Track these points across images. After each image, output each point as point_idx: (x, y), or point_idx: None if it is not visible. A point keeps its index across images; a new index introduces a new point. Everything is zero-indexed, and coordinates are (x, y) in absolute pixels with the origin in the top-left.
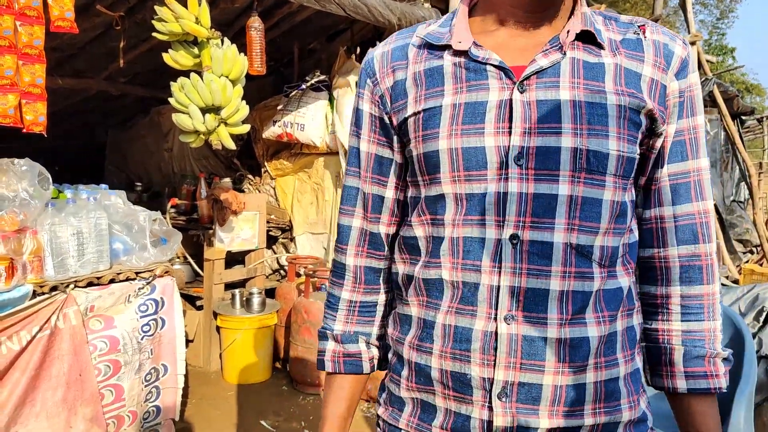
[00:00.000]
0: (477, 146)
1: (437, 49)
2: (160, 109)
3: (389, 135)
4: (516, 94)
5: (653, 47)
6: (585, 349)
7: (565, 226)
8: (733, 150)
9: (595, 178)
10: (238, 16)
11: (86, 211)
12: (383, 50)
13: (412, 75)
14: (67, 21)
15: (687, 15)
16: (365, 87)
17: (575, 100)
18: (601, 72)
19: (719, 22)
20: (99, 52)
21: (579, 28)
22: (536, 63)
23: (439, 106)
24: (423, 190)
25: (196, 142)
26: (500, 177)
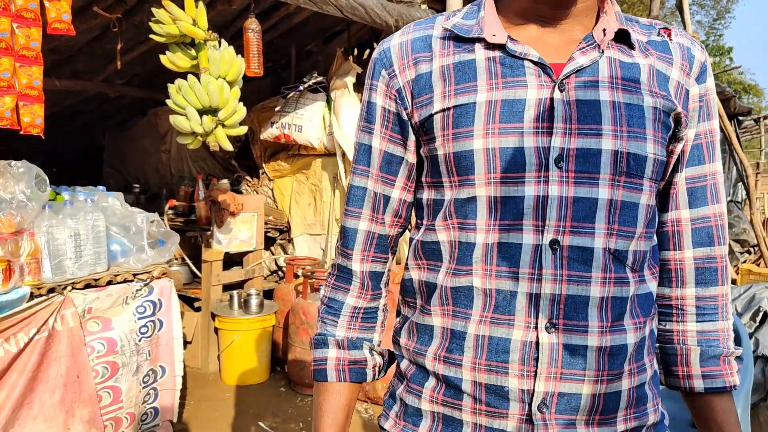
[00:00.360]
0: (516, 147)
1: (467, 42)
2: (157, 111)
3: (404, 132)
4: (556, 92)
5: (679, 50)
6: (623, 356)
7: (605, 231)
8: (731, 150)
9: (633, 182)
10: (236, 17)
11: (83, 213)
12: (401, 41)
13: (439, 68)
14: (64, 23)
15: (684, 16)
16: (379, 79)
17: (615, 100)
18: (637, 72)
19: (716, 22)
20: (96, 54)
21: (616, 26)
22: (575, 61)
23: (472, 103)
24: (450, 192)
25: (193, 144)
26: (539, 179)
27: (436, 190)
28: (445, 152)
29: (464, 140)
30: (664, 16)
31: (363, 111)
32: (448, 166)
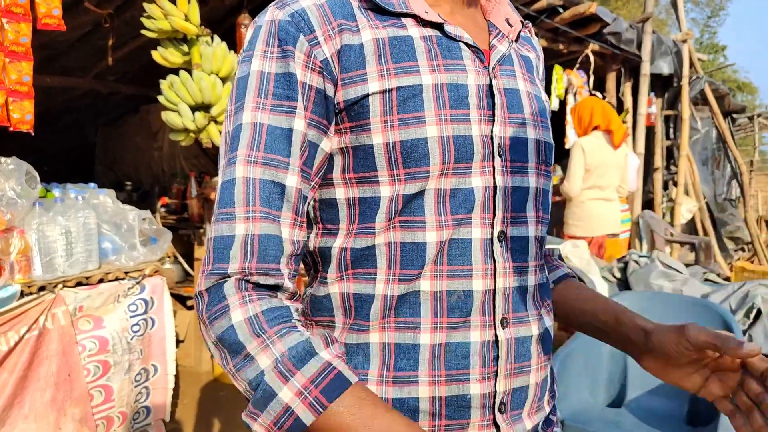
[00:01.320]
0: (466, 135)
1: (392, 17)
2: (149, 108)
3: (329, 115)
4: (492, 79)
5: (538, 45)
6: (549, 341)
7: (534, 219)
8: (725, 148)
9: (547, 170)
10: (229, 13)
11: (74, 210)
12: (316, 2)
13: (372, 41)
14: (54, 18)
15: (678, 13)
16: (296, 46)
17: (528, 90)
18: (530, 65)
19: (710, 20)
20: (88, 51)
21: (517, 19)
22: (498, 49)
23: (418, 85)
24: (390, 188)
25: (186, 141)
26: (484, 170)
27: (365, 187)
28: (387, 141)
29: (415, 127)
30: (659, 13)
31: (266, 85)
32: (392, 157)
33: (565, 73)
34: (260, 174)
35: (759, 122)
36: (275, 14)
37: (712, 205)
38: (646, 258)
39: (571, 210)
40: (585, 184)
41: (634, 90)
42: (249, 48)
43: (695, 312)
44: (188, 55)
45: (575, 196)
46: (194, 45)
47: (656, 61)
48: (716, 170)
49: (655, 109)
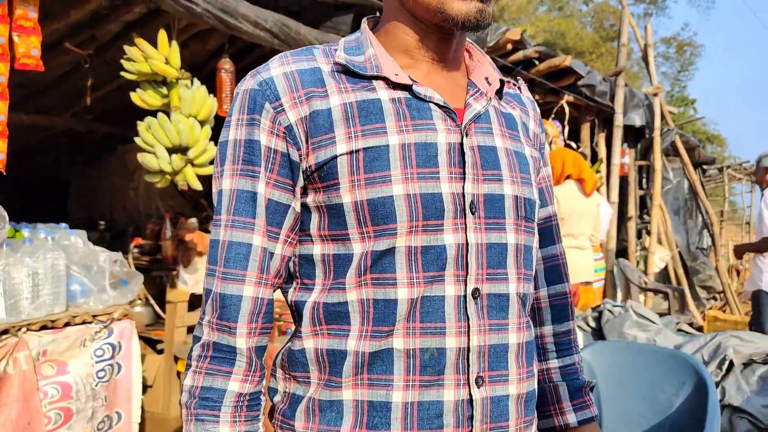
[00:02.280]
0: (435, 192)
1: (363, 80)
2: (127, 147)
3: (294, 176)
4: (463, 137)
5: (530, 104)
6: (533, 402)
7: (516, 275)
8: (696, 198)
9: (529, 226)
10: (210, 57)
11: (43, 251)
12: (285, 71)
13: (340, 106)
14: (32, 59)
15: (649, 68)
16: (262, 114)
17: (507, 147)
18: (513, 122)
19: (680, 74)
20: (67, 90)
21: (497, 77)
22: (473, 107)
23: (385, 146)
24: (362, 245)
25: (161, 183)
26: (456, 227)
27: (338, 244)
28: (355, 200)
29: (381, 185)
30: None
31: (238, 152)
32: (360, 215)
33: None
34: (230, 236)
35: (728, 174)
36: (248, 83)
37: (685, 254)
38: (619, 307)
39: None
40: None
41: (608, 140)
42: (229, 114)
43: (668, 363)
44: (167, 98)
45: None
46: (174, 88)
47: (629, 113)
48: (688, 220)
49: (628, 160)
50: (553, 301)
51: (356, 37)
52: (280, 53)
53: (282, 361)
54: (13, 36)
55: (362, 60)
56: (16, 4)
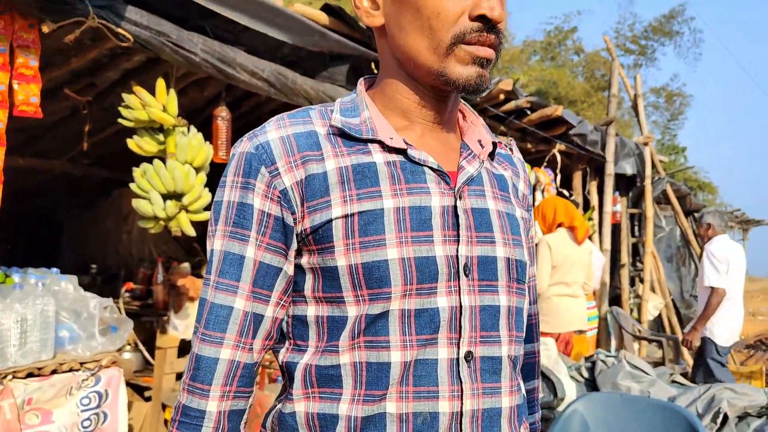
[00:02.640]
0: (429, 255)
1: (359, 143)
2: (122, 192)
3: (287, 240)
4: (457, 200)
5: (520, 165)
6: None
7: (507, 338)
8: (688, 247)
9: (520, 288)
10: (207, 104)
11: (33, 297)
12: (282, 134)
13: (336, 170)
14: (31, 106)
15: (639, 117)
16: (257, 178)
17: (499, 209)
18: (504, 183)
19: (670, 122)
20: (64, 134)
21: (490, 139)
22: (466, 170)
23: (380, 209)
24: (356, 308)
25: (155, 228)
26: (450, 290)
27: (333, 306)
28: (350, 263)
29: (376, 249)
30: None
31: (230, 213)
32: (355, 279)
33: (534, 170)
34: (212, 297)
35: None
36: (245, 146)
37: (679, 301)
38: (613, 358)
39: (539, 306)
40: (551, 280)
41: (600, 189)
42: (224, 174)
43: (663, 416)
44: (164, 144)
45: (542, 292)
46: (170, 135)
47: (620, 162)
48: (682, 267)
49: (620, 208)
50: (525, 359)
51: (352, 98)
52: (277, 115)
53: (272, 423)
54: (13, 84)
55: (358, 122)
56: (18, 53)
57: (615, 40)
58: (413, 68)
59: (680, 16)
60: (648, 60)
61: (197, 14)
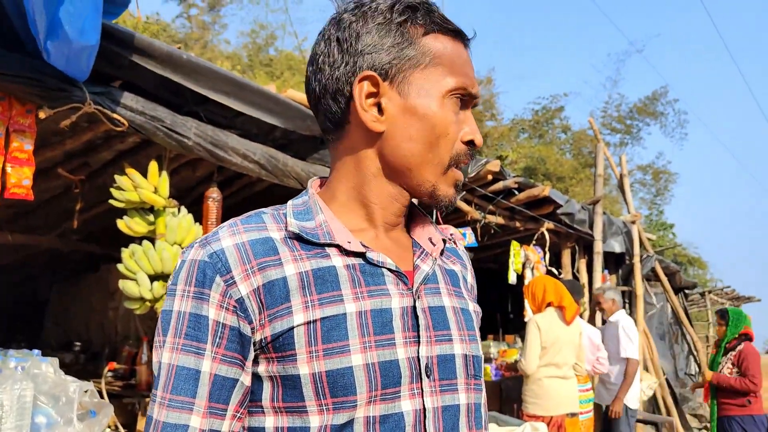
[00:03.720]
0: (392, 359)
1: (317, 246)
2: (110, 267)
3: (244, 350)
4: (415, 300)
5: (465, 256)
6: None
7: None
8: (680, 325)
9: (477, 383)
10: (198, 183)
11: (11, 382)
12: (236, 242)
13: (296, 275)
14: (23, 188)
15: (626, 196)
16: (212, 287)
17: (454, 306)
18: (456, 278)
19: (657, 198)
20: (55, 211)
21: (440, 237)
22: (421, 269)
23: (342, 314)
24: (320, 417)
25: (140, 309)
26: (413, 392)
27: (294, 416)
28: (313, 371)
29: (340, 356)
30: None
31: (182, 325)
32: (319, 387)
33: (523, 248)
34: (165, 417)
35: (710, 299)
36: (197, 253)
37: (673, 380)
38: None
39: (529, 387)
40: (541, 361)
41: (589, 267)
42: (173, 282)
43: None
44: (153, 225)
45: (531, 373)
46: (160, 215)
47: (608, 240)
48: (675, 345)
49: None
50: None
51: (304, 200)
52: (229, 220)
53: None
54: (7, 167)
55: (313, 226)
56: (14, 137)
57: (601, 119)
58: (407, 176)
59: (663, 97)
60: (634, 139)
61: (192, 100)
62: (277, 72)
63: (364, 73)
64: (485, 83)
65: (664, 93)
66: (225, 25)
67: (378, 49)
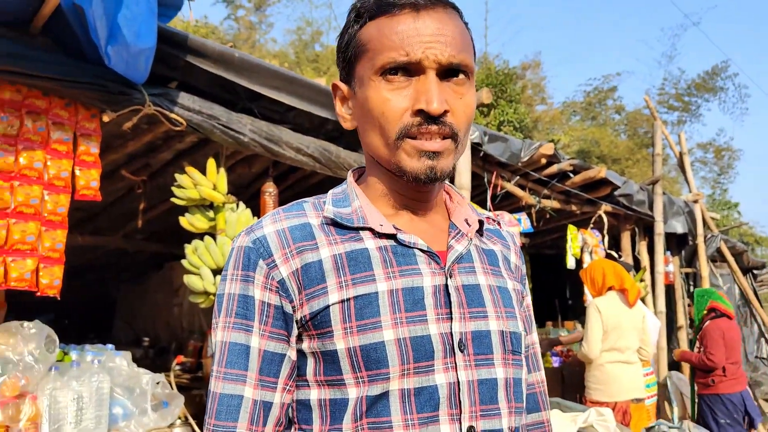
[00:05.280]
0: (424, 335)
1: (351, 231)
2: (173, 265)
3: (288, 327)
4: (447, 279)
5: (509, 237)
6: None
7: (507, 410)
8: (749, 307)
9: (517, 359)
10: (255, 179)
11: (89, 375)
12: (277, 228)
13: (330, 257)
14: (91, 190)
15: (686, 175)
16: (256, 270)
17: (490, 284)
18: (495, 258)
19: (720, 177)
20: (119, 212)
21: (476, 218)
22: (454, 249)
23: (374, 293)
24: (356, 389)
25: (205, 303)
26: (446, 366)
27: (334, 389)
28: (348, 346)
29: (372, 332)
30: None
31: (232, 305)
32: (354, 361)
33: (580, 232)
34: (221, 389)
35: None
36: (243, 240)
37: (743, 364)
38: (676, 429)
39: (592, 373)
40: (603, 346)
41: (650, 249)
42: (225, 268)
43: None
44: (214, 221)
45: (594, 358)
46: (220, 211)
47: (669, 221)
48: (744, 327)
49: (672, 268)
50: (531, 429)
51: (343, 189)
52: (273, 210)
53: None
54: (76, 170)
55: (349, 212)
56: (80, 141)
57: (658, 97)
58: (381, 161)
59: (723, 72)
60: (692, 116)
61: (246, 97)
62: (323, 67)
63: (333, 82)
64: (533, 67)
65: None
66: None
67: (339, 58)
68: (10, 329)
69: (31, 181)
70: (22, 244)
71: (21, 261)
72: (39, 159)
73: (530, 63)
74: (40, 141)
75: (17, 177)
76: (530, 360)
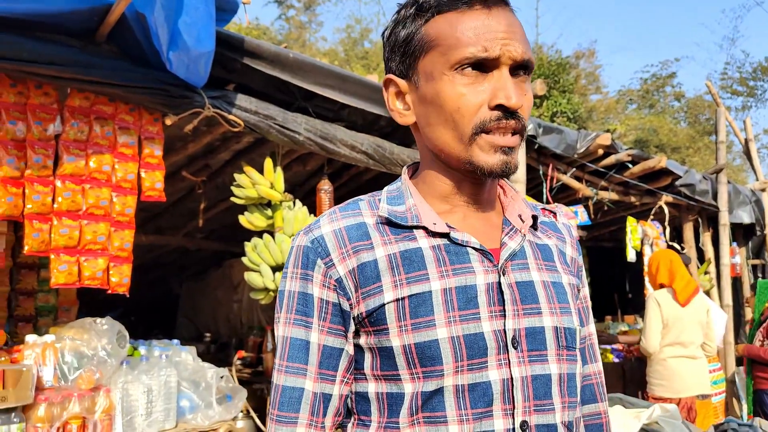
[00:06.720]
0: (477, 332)
1: (405, 230)
2: (232, 262)
3: (346, 323)
4: (501, 276)
5: (565, 230)
6: None
7: (561, 405)
8: None
9: (571, 354)
10: (310, 176)
11: (157, 369)
12: (334, 228)
13: (385, 257)
14: (156, 191)
15: (753, 162)
16: (315, 269)
17: (544, 280)
18: (549, 252)
19: None
20: (180, 212)
21: (530, 213)
22: (508, 246)
23: (428, 292)
24: (412, 384)
25: (265, 299)
26: (500, 363)
27: (391, 383)
28: (403, 343)
29: (426, 330)
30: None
31: (292, 302)
32: (409, 358)
33: (640, 224)
34: (283, 381)
35: None
36: (302, 240)
37: None
38: (747, 427)
39: (653, 368)
40: (665, 340)
41: (715, 240)
42: (285, 266)
43: None
44: (272, 219)
45: (654, 352)
46: (278, 209)
47: (735, 211)
48: None
49: (739, 260)
50: (587, 420)
51: (398, 186)
52: (330, 209)
53: None
54: (141, 172)
55: (403, 210)
56: (145, 144)
57: (720, 82)
58: (447, 158)
59: None
60: (758, 101)
61: (300, 96)
62: (373, 64)
63: (386, 77)
64: (587, 56)
65: None
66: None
67: (395, 52)
68: (84, 325)
69: (100, 184)
70: (93, 244)
71: (93, 260)
72: (107, 162)
73: (584, 52)
74: (107, 145)
75: (88, 180)
76: (587, 351)
